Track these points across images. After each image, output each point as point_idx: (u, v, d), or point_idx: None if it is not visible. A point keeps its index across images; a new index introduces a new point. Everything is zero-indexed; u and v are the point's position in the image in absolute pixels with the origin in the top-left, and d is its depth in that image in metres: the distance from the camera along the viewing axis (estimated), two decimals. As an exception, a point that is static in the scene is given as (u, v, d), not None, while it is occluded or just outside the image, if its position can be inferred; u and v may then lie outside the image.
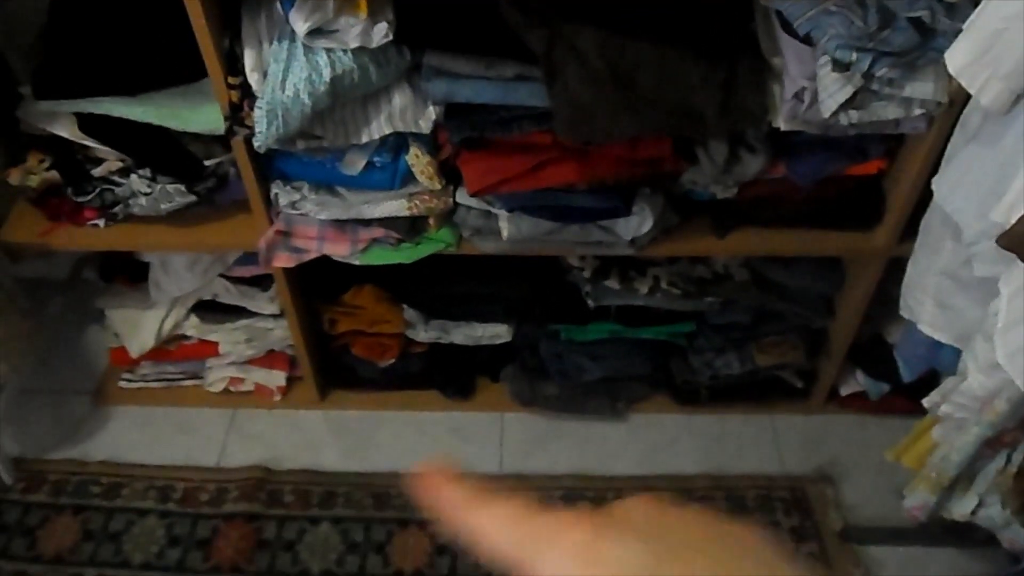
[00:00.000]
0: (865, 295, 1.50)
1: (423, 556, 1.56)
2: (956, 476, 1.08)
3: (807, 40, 1.15)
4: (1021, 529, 1.04)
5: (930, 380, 1.31)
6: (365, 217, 1.38)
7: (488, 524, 0.30)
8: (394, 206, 1.36)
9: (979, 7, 0.90)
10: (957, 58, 0.89)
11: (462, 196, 1.36)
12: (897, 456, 1.30)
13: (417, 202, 1.35)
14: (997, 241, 0.69)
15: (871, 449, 1.61)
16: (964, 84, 0.89)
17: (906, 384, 1.42)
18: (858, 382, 1.71)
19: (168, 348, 1.72)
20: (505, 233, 1.36)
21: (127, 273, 1.65)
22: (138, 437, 1.75)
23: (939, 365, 1.29)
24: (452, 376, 1.78)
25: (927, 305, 1.12)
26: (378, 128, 1.25)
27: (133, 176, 1.36)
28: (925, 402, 1.11)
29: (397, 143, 1.29)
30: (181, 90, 1.29)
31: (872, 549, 1.55)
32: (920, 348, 1.29)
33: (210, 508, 1.63)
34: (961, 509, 1.11)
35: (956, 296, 1.07)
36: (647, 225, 1.36)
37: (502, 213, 1.35)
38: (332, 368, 1.79)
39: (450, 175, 1.34)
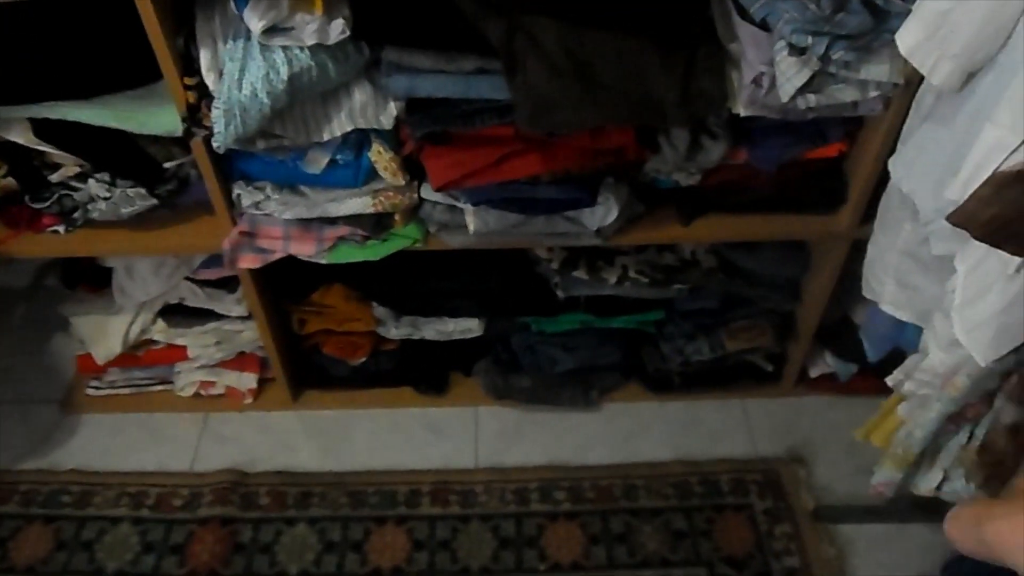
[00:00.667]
0: (831, 278, 1.52)
1: (401, 553, 1.56)
2: (921, 452, 1.09)
3: (763, 25, 1.16)
4: (985, 502, 1.05)
5: (897, 359, 1.33)
6: (330, 215, 1.37)
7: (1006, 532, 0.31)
8: (359, 203, 1.35)
9: (927, -12, 0.91)
10: (907, 39, 0.90)
11: (427, 191, 1.35)
12: (866, 435, 1.31)
13: (382, 199, 1.35)
14: (948, 218, 0.70)
15: (841, 429, 1.63)
16: (915, 64, 0.90)
17: (875, 364, 1.44)
18: (827, 364, 1.73)
19: (136, 354, 1.70)
20: (471, 227, 1.36)
21: (90, 279, 1.63)
22: (109, 444, 1.73)
23: (904, 344, 1.31)
24: (425, 372, 1.77)
25: (888, 284, 1.13)
26: (339, 125, 1.24)
27: (91, 181, 1.34)
28: (888, 380, 1.13)
29: (359, 140, 1.29)
30: (137, 92, 1.27)
31: (845, 528, 1.57)
32: (884, 328, 1.31)
33: (184, 513, 1.61)
34: (926, 484, 1.13)
35: (915, 275, 1.08)
36: (612, 215, 1.36)
37: (468, 207, 1.35)
38: (304, 368, 1.78)
39: (414, 171, 1.33)
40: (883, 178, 1.26)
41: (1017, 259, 0.83)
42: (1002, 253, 0.81)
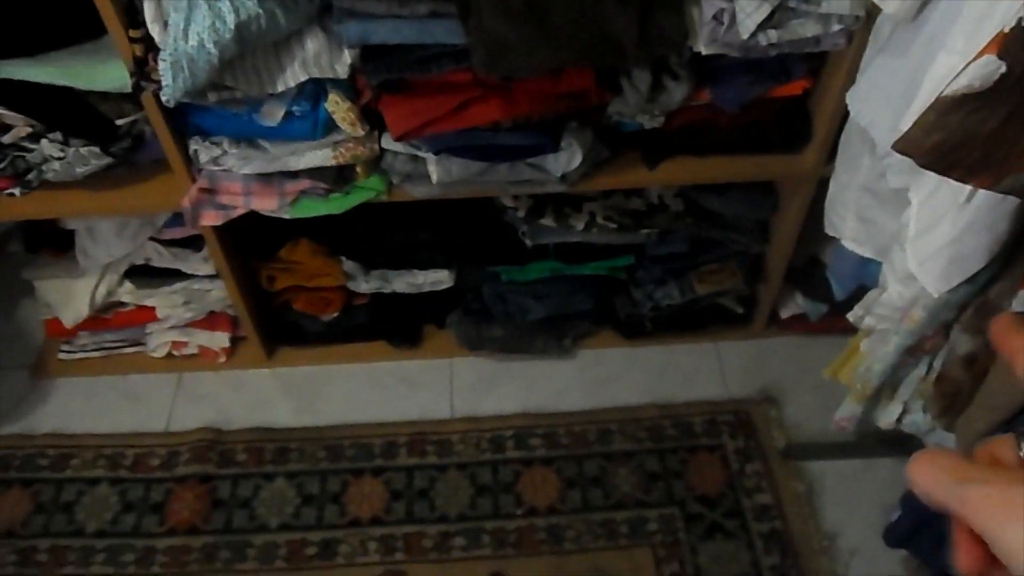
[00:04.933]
0: (798, 218, 1.52)
1: (379, 503, 1.58)
2: (880, 386, 1.11)
3: (722, -40, 1.14)
4: (944, 434, 1.07)
5: (863, 297, 1.34)
6: (291, 169, 1.35)
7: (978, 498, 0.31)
8: (319, 156, 1.33)
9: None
10: (859, -32, 0.89)
11: (387, 142, 1.33)
12: (833, 373, 1.32)
13: (342, 150, 1.33)
14: (892, 146, 0.69)
15: (812, 369, 1.64)
16: (868, -6, 0.89)
17: (844, 303, 1.44)
18: (798, 304, 1.74)
19: (105, 316, 1.69)
20: (434, 176, 1.34)
21: (53, 242, 1.61)
22: (83, 407, 1.72)
23: (869, 281, 1.31)
24: (398, 325, 1.77)
25: (849, 220, 1.13)
26: (293, 75, 1.21)
27: (44, 141, 1.31)
28: (849, 316, 1.14)
29: (315, 91, 1.26)
30: (84, 48, 1.24)
31: (814, 464, 1.60)
32: (849, 265, 1.31)
33: (162, 472, 1.62)
34: (887, 418, 1.14)
35: (875, 209, 1.08)
36: (576, 160, 1.35)
37: (429, 156, 1.33)
38: (276, 326, 1.77)
39: (373, 121, 1.31)
40: (847, 114, 1.25)
41: (968, 189, 0.83)
42: (954, 184, 0.81)
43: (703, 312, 1.73)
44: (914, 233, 0.90)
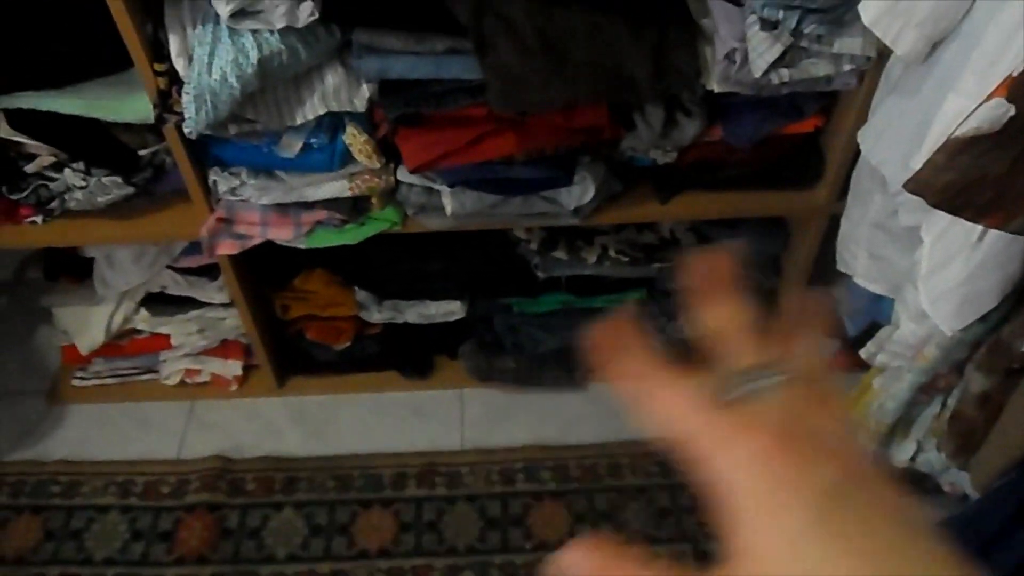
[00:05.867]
0: (809, 253, 1.52)
1: (388, 535, 1.57)
2: (894, 423, 1.10)
3: (735, 0, 1.16)
4: (959, 473, 1.06)
5: (875, 333, 1.34)
6: (307, 200, 1.37)
7: (669, 402, 0.29)
8: (335, 187, 1.35)
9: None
10: (870, 10, 0.90)
11: (403, 174, 1.35)
12: (845, 409, 1.32)
13: (358, 182, 1.35)
14: (904, 186, 0.70)
15: (824, 404, 1.64)
16: (879, 35, 0.90)
17: (855, 340, 1.44)
18: (809, 340, 1.74)
19: (120, 343, 1.71)
20: (449, 209, 1.36)
21: (72, 270, 1.63)
22: (95, 434, 1.73)
23: (881, 318, 1.32)
24: (409, 355, 1.78)
25: (861, 257, 1.14)
26: (312, 109, 1.24)
27: (67, 170, 1.34)
28: (862, 352, 1.14)
29: (333, 123, 1.28)
30: (108, 80, 1.27)
31: (827, 501, 1.58)
32: (861, 302, 1.31)
33: (172, 500, 1.62)
34: (901, 456, 1.14)
35: (887, 247, 1.09)
36: (589, 194, 1.36)
37: (444, 189, 1.35)
38: (288, 354, 1.78)
39: (389, 153, 1.33)
40: (859, 152, 1.26)
41: (980, 228, 0.83)
42: (966, 223, 0.81)
43: (714, 347, 1.73)
44: (926, 271, 0.90)
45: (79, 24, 1.24)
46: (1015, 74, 0.64)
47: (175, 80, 1.17)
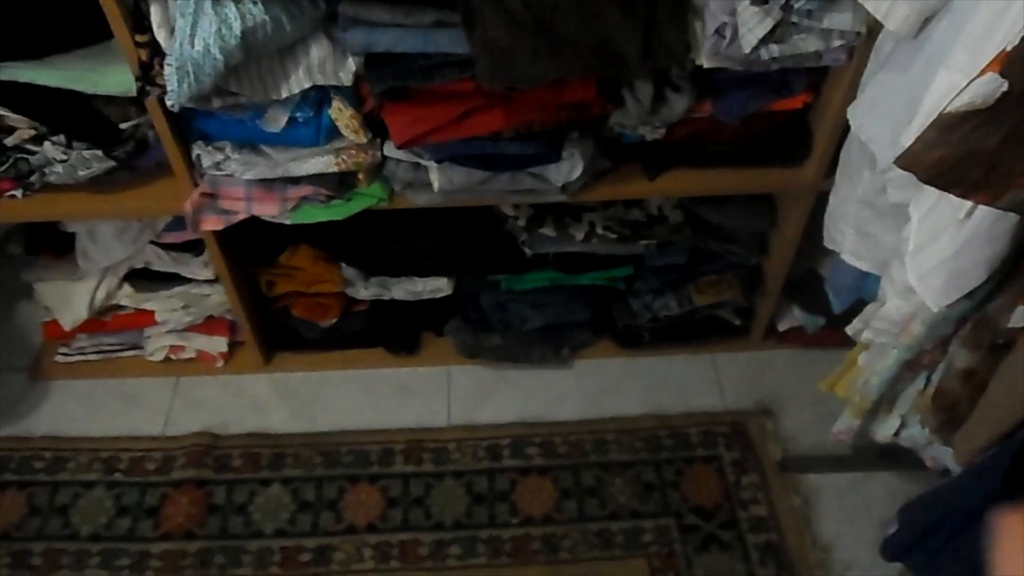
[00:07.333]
0: (797, 230, 1.52)
1: (375, 510, 1.57)
2: (878, 399, 1.11)
3: (726, -25, 1.15)
4: (941, 447, 1.07)
5: (861, 310, 1.34)
6: (293, 175, 1.35)
7: None
8: (321, 162, 1.34)
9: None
10: (862, -16, 0.90)
11: (390, 149, 1.34)
12: (830, 386, 1.33)
13: (344, 157, 1.33)
14: (895, 161, 0.70)
15: (808, 381, 1.65)
16: (870, 9, 0.90)
17: (841, 316, 1.45)
18: (795, 317, 1.75)
19: (103, 319, 1.69)
20: (436, 185, 1.35)
21: (53, 245, 1.61)
22: (80, 410, 1.72)
23: (867, 295, 1.32)
24: (396, 332, 1.77)
25: (848, 234, 1.14)
26: (297, 82, 1.22)
27: (47, 143, 1.31)
28: (848, 329, 1.14)
29: (319, 97, 1.27)
30: (89, 51, 1.25)
31: (810, 477, 1.60)
32: (847, 278, 1.32)
33: (158, 476, 1.62)
34: (884, 431, 1.15)
35: (874, 224, 1.09)
36: (577, 170, 1.35)
37: (431, 164, 1.34)
38: (274, 331, 1.77)
39: (376, 128, 1.32)
40: (848, 129, 1.26)
41: (968, 204, 0.83)
42: (954, 199, 0.81)
43: (701, 323, 1.74)
44: (914, 247, 0.90)
45: (57, -7, 1.22)
46: (1008, 49, 0.64)
47: (157, 52, 1.15)
